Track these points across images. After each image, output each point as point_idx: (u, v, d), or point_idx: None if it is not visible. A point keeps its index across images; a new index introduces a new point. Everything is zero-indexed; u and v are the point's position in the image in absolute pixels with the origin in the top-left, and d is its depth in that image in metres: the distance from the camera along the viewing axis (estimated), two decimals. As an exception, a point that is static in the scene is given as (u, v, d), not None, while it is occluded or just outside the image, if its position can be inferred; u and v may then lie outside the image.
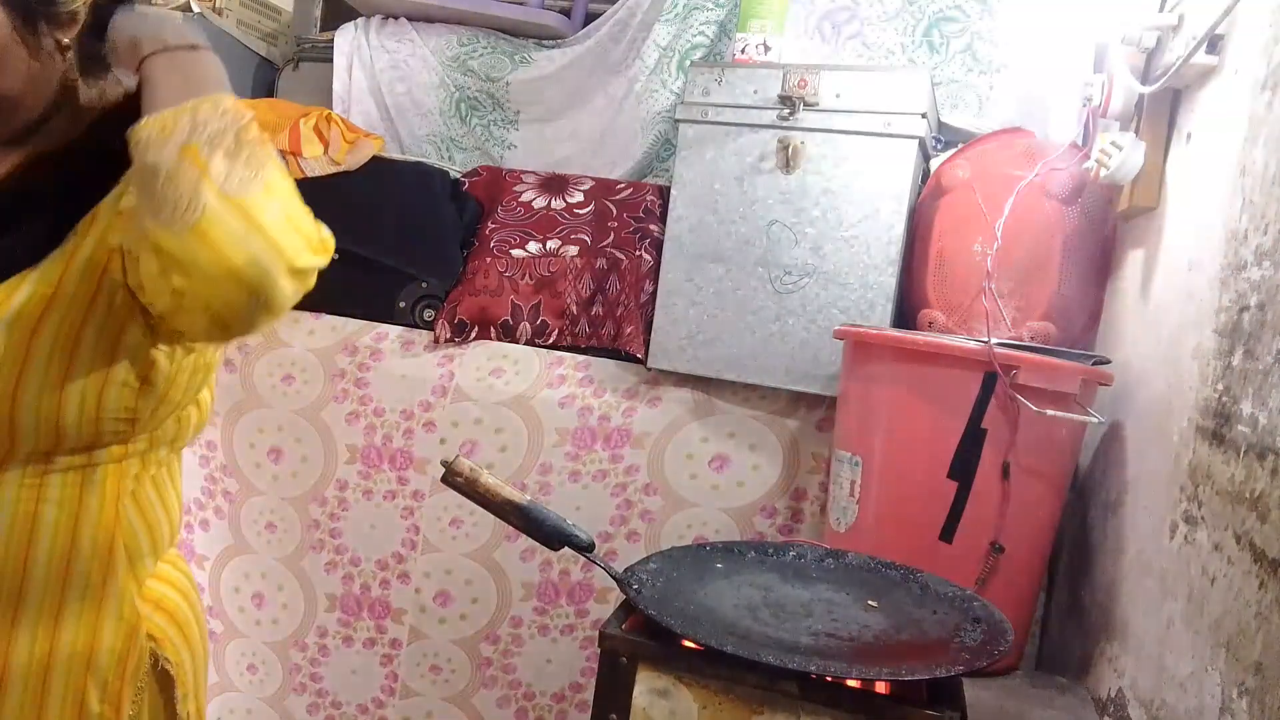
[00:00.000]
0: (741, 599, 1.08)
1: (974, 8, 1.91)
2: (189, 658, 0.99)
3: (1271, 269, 0.89)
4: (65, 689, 0.87)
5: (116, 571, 0.91)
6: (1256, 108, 1.00)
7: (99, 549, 0.89)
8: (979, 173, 1.64)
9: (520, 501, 1.08)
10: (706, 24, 2.06)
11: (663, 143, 2.10)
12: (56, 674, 0.87)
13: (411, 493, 1.93)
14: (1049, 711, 1.23)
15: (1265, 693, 0.78)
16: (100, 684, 0.89)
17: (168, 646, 0.96)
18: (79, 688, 0.88)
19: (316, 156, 2.01)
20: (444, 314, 1.96)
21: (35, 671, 0.86)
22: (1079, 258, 1.58)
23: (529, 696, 1.92)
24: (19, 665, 0.85)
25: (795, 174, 1.72)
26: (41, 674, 0.86)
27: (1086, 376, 1.34)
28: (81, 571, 0.88)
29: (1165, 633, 1.04)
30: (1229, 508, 0.90)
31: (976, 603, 1.10)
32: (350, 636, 1.97)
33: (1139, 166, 1.35)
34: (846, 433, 1.52)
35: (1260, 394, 0.86)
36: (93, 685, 0.88)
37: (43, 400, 0.81)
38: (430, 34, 2.22)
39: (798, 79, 1.71)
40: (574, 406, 1.88)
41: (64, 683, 0.87)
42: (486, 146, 2.23)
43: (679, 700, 0.97)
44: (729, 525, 1.82)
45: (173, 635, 0.97)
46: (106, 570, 0.90)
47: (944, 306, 1.63)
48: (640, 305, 1.87)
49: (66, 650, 0.87)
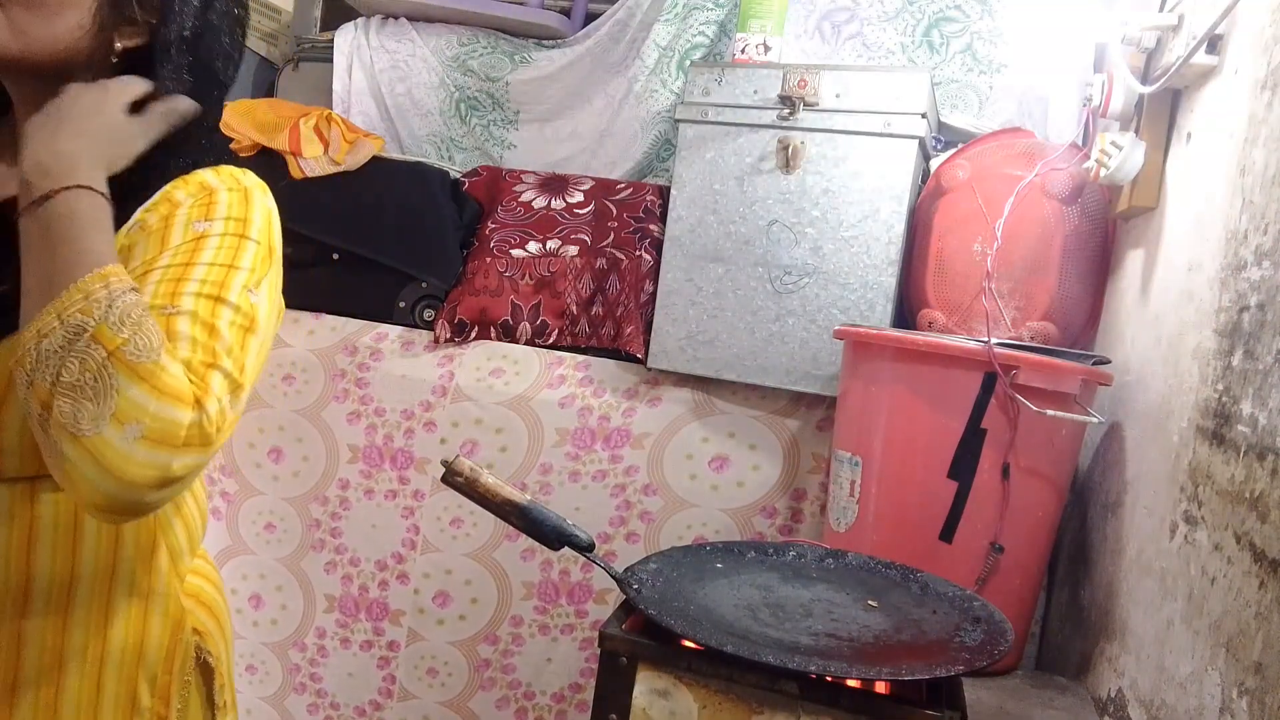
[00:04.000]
0: (741, 599, 1.08)
1: (974, 8, 1.91)
2: (224, 648, 1.02)
3: (1271, 269, 0.89)
4: (118, 685, 0.88)
5: (160, 569, 0.92)
6: (1256, 108, 1.00)
7: (142, 549, 0.90)
8: (979, 173, 1.64)
9: (520, 501, 1.08)
10: (706, 24, 2.06)
11: (663, 143, 2.10)
12: (109, 671, 0.88)
13: (412, 492, 1.93)
14: (1049, 711, 1.23)
15: (1265, 693, 0.77)
16: (150, 679, 0.90)
17: (209, 639, 0.98)
18: (131, 684, 0.89)
19: (316, 156, 2.01)
20: (444, 314, 1.96)
21: (89, 671, 0.87)
22: (1079, 258, 1.58)
23: (529, 696, 1.92)
24: (73, 665, 0.86)
25: (795, 174, 1.72)
26: (95, 672, 0.87)
27: (1086, 376, 1.34)
28: (128, 571, 0.89)
29: (1165, 633, 1.04)
30: (1229, 508, 0.90)
31: (976, 603, 1.10)
32: (348, 638, 1.97)
33: (1139, 166, 1.35)
34: (846, 433, 1.51)
35: (1260, 394, 0.86)
36: (143, 681, 0.90)
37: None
38: (430, 34, 2.22)
39: (798, 79, 1.71)
40: (574, 406, 1.87)
41: (116, 679, 0.88)
42: (486, 146, 2.23)
43: (679, 700, 0.97)
44: (729, 525, 1.81)
45: (211, 628, 0.99)
46: (151, 568, 0.91)
47: (944, 306, 1.63)
48: (640, 305, 1.87)
49: (118, 648, 0.88)
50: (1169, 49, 1.27)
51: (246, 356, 0.82)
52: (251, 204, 0.88)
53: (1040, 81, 1.87)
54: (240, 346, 0.81)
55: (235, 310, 0.81)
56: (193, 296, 0.79)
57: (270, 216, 0.90)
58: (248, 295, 0.83)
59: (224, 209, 0.85)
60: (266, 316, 0.86)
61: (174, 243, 0.82)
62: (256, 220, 0.87)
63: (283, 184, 1.98)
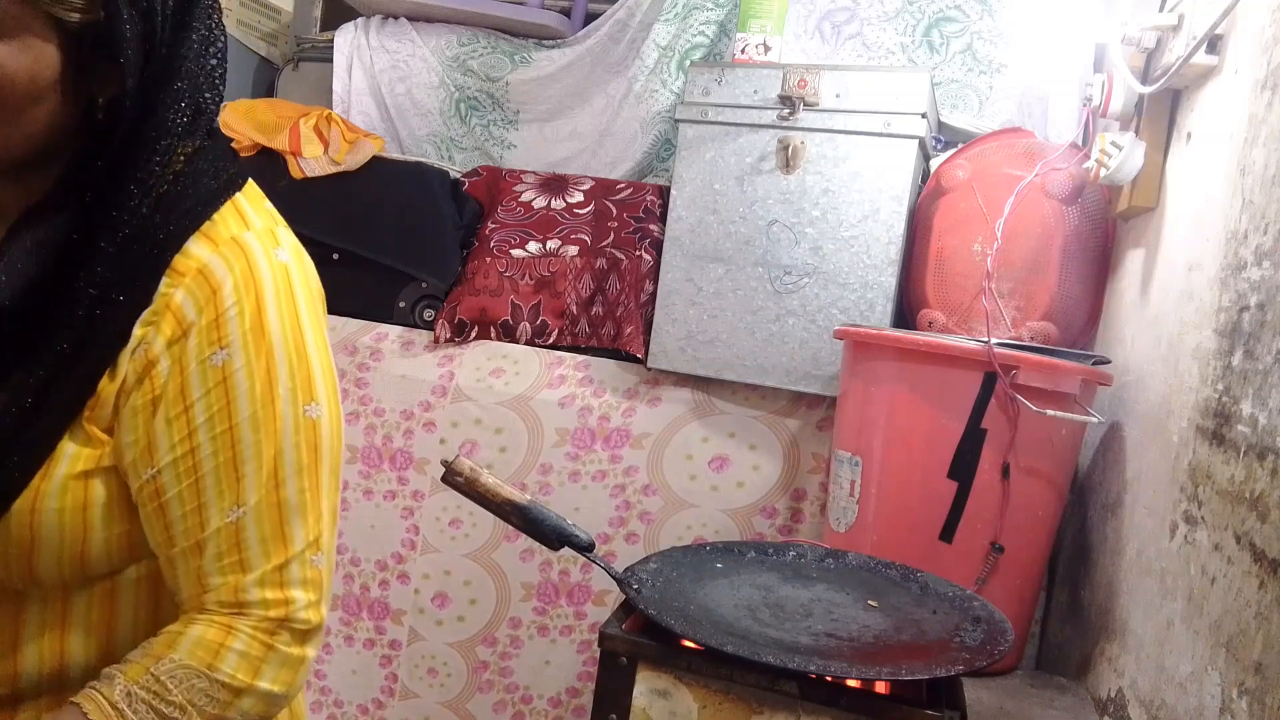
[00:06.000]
0: (741, 599, 1.08)
1: (974, 8, 1.91)
2: None
3: (1271, 269, 0.89)
4: None
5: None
6: (1256, 108, 1.00)
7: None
8: (979, 173, 1.64)
9: (520, 501, 1.08)
10: (706, 24, 2.06)
11: (663, 143, 2.10)
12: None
13: (411, 493, 1.93)
14: (1049, 711, 1.23)
15: (1265, 693, 0.77)
16: None
17: None
18: None
19: (316, 156, 2.01)
20: (444, 314, 1.96)
21: None
22: (1079, 258, 1.58)
23: (526, 700, 1.91)
24: None
25: (795, 174, 1.72)
26: None
27: (1086, 376, 1.34)
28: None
29: (1165, 633, 1.04)
30: (1229, 508, 0.90)
31: (976, 603, 1.10)
32: (351, 636, 1.97)
33: (1139, 166, 1.35)
34: (846, 433, 1.51)
35: (1260, 394, 0.86)
36: None
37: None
38: (430, 34, 2.22)
39: (798, 79, 1.71)
40: (574, 407, 1.87)
41: None
42: (486, 146, 2.23)
43: (679, 700, 0.97)
44: (729, 525, 1.81)
45: None
46: None
47: (944, 306, 1.63)
48: (640, 305, 1.87)
49: None
50: (1169, 49, 1.27)
51: (321, 496, 0.77)
52: (260, 286, 0.75)
53: (1040, 81, 1.87)
54: (312, 492, 0.76)
55: (296, 468, 0.76)
56: (250, 483, 0.74)
57: (282, 280, 0.77)
58: (301, 413, 0.75)
59: (234, 322, 0.73)
60: (330, 418, 0.78)
61: (195, 396, 0.73)
62: (270, 309, 0.75)
63: (283, 184, 1.99)
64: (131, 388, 0.73)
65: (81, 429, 0.72)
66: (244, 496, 0.74)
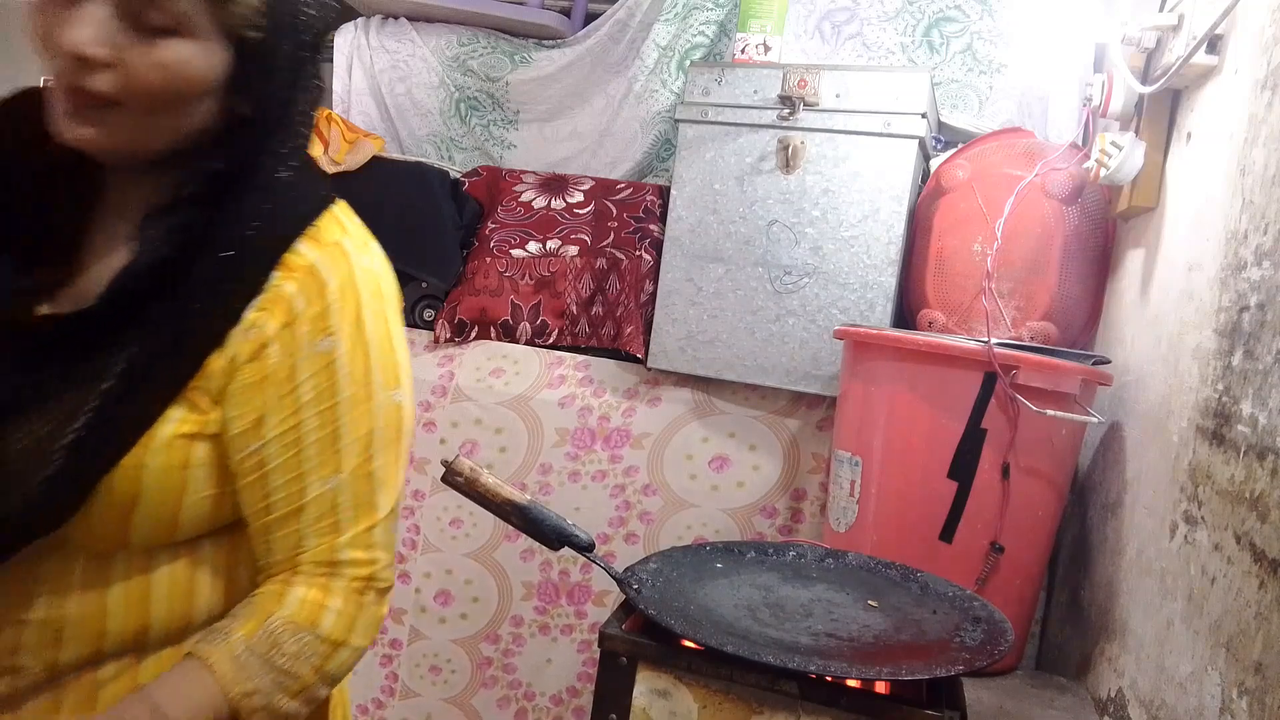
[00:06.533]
0: (741, 599, 1.08)
1: (974, 8, 1.91)
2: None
3: (1271, 269, 0.89)
4: None
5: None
6: (1256, 108, 1.00)
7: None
8: (979, 173, 1.64)
9: (520, 501, 1.08)
10: (706, 24, 2.06)
11: (663, 143, 2.10)
12: None
13: (412, 493, 1.93)
14: (1049, 711, 1.23)
15: (1265, 693, 0.77)
16: None
17: None
18: None
19: (316, 157, 2.01)
20: (444, 314, 1.96)
21: None
22: (1079, 258, 1.58)
23: (529, 696, 1.92)
24: None
25: (795, 174, 1.72)
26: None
27: (1086, 376, 1.34)
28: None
29: (1165, 633, 1.04)
30: (1229, 508, 0.90)
31: (976, 603, 1.10)
32: (350, 636, 1.97)
33: (1139, 166, 1.35)
34: (846, 433, 1.51)
35: (1260, 394, 0.86)
36: None
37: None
38: (430, 34, 2.22)
39: (798, 79, 1.71)
40: (574, 406, 1.87)
41: None
42: (486, 146, 2.23)
43: (679, 700, 0.97)
44: (729, 525, 1.81)
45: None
46: None
47: (944, 306, 1.63)
48: (640, 305, 1.87)
49: None
50: (1169, 49, 1.27)
51: (398, 471, 0.86)
52: (358, 286, 0.85)
53: (1040, 81, 1.87)
54: (393, 467, 0.85)
55: (383, 444, 0.84)
56: (346, 456, 0.82)
57: (374, 282, 0.88)
58: (390, 398, 0.84)
59: (338, 315, 0.82)
60: (408, 404, 0.88)
61: (303, 377, 0.81)
62: (366, 306, 0.85)
63: (283, 184, 1.98)
64: (241, 364, 0.80)
65: (188, 397, 0.79)
66: (342, 466, 0.82)
